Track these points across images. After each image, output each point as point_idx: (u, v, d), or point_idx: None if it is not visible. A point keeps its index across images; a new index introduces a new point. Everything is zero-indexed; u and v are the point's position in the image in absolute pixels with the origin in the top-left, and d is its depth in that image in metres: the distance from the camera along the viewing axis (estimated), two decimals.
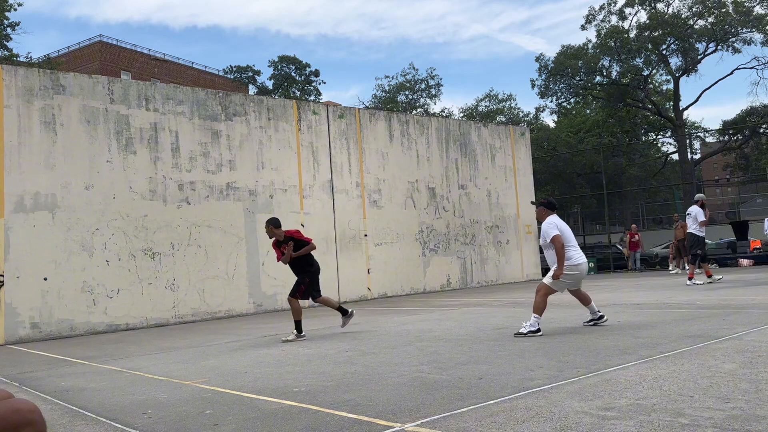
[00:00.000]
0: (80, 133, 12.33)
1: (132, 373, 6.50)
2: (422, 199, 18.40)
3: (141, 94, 13.23)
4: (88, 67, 44.45)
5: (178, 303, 13.11)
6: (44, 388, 5.94)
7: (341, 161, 16.56)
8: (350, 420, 3.92)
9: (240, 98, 15.12)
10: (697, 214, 13.96)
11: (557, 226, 7.45)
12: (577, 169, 35.69)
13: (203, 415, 4.35)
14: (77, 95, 12.39)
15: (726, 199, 63.52)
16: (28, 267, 11.43)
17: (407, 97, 43.26)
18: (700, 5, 26.43)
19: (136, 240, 12.74)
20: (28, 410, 2.24)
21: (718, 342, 5.92)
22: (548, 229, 7.45)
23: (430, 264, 18.30)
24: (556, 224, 7.49)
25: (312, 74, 47.07)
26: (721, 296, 10.75)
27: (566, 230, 7.52)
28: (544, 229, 7.53)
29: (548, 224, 7.52)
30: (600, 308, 9.98)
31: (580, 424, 3.48)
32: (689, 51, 27.18)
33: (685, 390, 4.10)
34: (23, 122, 11.72)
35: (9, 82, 11.66)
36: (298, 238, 8.67)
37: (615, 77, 28.95)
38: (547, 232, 7.44)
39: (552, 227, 7.45)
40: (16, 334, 11.17)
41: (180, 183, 13.50)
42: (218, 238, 13.89)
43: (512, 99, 47.11)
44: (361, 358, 6.41)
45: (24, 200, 11.55)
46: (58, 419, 4.58)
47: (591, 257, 25.49)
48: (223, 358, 7.15)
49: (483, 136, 20.67)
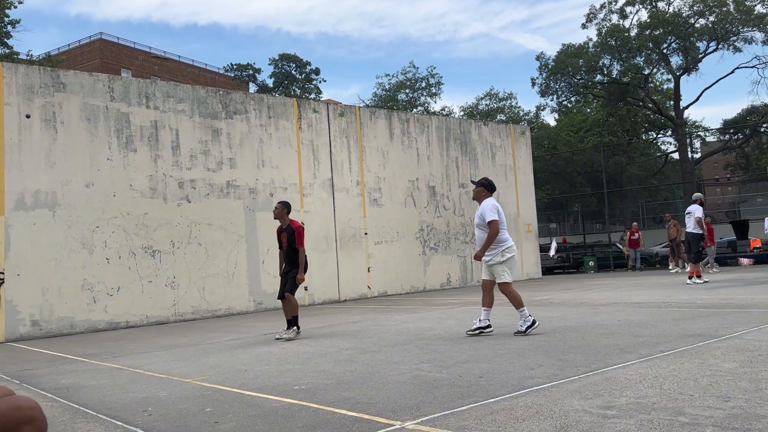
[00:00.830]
0: (81, 130, 12.33)
1: (132, 371, 6.51)
2: (422, 198, 18.40)
3: (141, 92, 13.23)
4: (88, 64, 44.44)
5: (178, 301, 13.12)
6: (45, 386, 5.95)
7: (341, 159, 16.56)
8: (350, 418, 3.93)
9: (240, 96, 15.12)
10: (695, 211, 13.96)
11: (498, 211, 7.49)
12: (578, 168, 35.70)
13: (204, 413, 4.35)
14: (78, 93, 12.38)
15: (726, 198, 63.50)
16: (29, 265, 11.43)
17: (408, 95, 43.25)
18: (701, 4, 26.41)
19: (137, 238, 12.74)
20: (30, 407, 2.24)
21: (719, 341, 5.93)
22: (487, 212, 7.47)
23: (430, 263, 18.30)
24: (497, 208, 7.53)
25: (312, 72, 47.05)
26: (721, 295, 10.75)
27: (502, 215, 7.59)
28: (483, 210, 7.56)
29: (489, 207, 7.53)
30: (599, 306, 10.00)
31: (580, 422, 3.48)
32: (690, 50, 27.17)
33: (685, 389, 4.10)
34: (24, 120, 11.72)
35: (9, 80, 11.65)
36: (298, 235, 8.65)
37: (615, 76, 28.94)
38: (486, 214, 7.48)
39: (492, 210, 7.48)
40: (17, 332, 11.18)
41: (180, 181, 13.50)
42: (218, 236, 13.89)
43: (513, 98, 47.19)
44: (361, 357, 6.42)
45: (24, 198, 11.55)
46: (58, 416, 4.58)
47: (591, 256, 25.50)
48: (223, 356, 7.16)
49: (483, 134, 20.66)
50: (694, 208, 14.07)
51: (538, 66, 30.43)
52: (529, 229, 21.59)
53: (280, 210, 8.75)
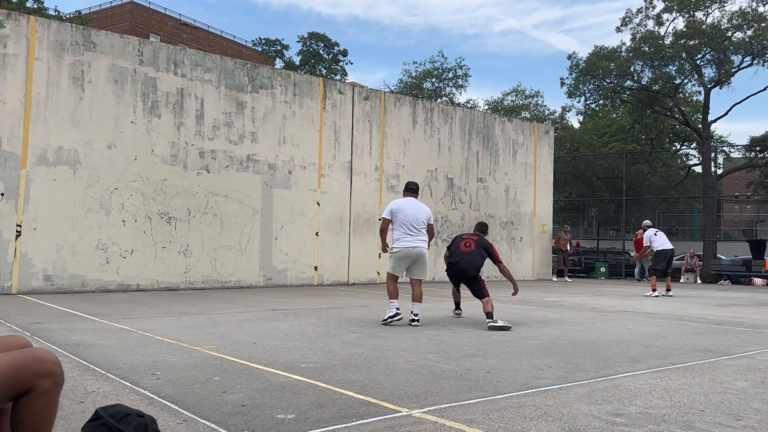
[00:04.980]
0: (107, 91, 12.38)
1: (142, 334, 6.56)
2: (440, 189, 18.33)
3: (170, 58, 13.24)
4: (118, 26, 44.52)
5: (189, 269, 13.20)
6: (55, 341, 6.01)
7: (362, 143, 16.51)
8: (358, 400, 3.93)
9: (268, 71, 15.08)
10: (653, 239, 15.20)
11: (391, 209, 8.05)
12: (598, 173, 35.37)
13: (212, 382, 4.37)
14: (107, 54, 12.41)
15: (744, 216, 62.75)
16: (46, 220, 11.54)
17: (433, 84, 42.96)
18: (739, 18, 25.91)
19: (154, 203, 12.81)
20: (50, 361, 2.24)
21: (730, 359, 5.86)
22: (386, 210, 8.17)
23: (441, 254, 18.24)
24: (391, 206, 8.09)
25: (340, 53, 46.83)
26: (734, 313, 10.64)
27: (401, 213, 7.96)
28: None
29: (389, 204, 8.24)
30: (609, 313, 9.94)
31: (588, 427, 3.46)
32: (724, 63, 26.67)
33: (695, 403, 4.06)
34: (52, 76, 11.78)
35: (42, 35, 11.70)
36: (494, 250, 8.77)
37: (646, 83, 28.51)
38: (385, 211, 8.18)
39: (386, 209, 8.12)
40: (29, 285, 11.32)
41: (201, 150, 13.53)
42: (234, 208, 13.94)
43: (539, 96, 46.68)
44: (368, 341, 6.42)
45: (47, 154, 11.64)
46: (68, 372, 4.62)
47: (603, 262, 25.32)
48: (232, 327, 7.20)
49: (507, 130, 20.50)
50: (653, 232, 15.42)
51: (569, 66, 30.03)
52: (544, 229, 21.46)
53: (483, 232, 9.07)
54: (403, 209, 7.98)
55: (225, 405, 3.75)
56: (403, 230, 7.91)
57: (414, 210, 8.00)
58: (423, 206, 8.15)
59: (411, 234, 7.91)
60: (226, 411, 3.62)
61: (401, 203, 8.08)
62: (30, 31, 11.57)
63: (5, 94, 11.27)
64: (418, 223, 7.94)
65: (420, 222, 7.97)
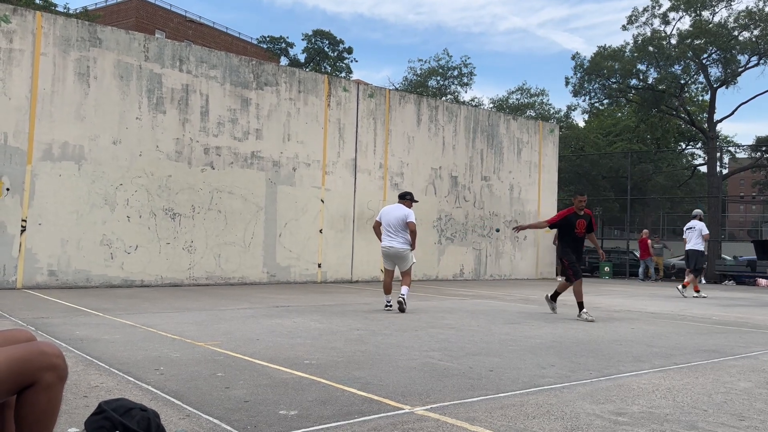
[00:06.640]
0: (113, 87, 12.40)
1: (145, 329, 6.58)
2: (443, 187, 18.32)
3: (176, 55, 13.25)
4: (124, 23, 44.60)
5: (193, 265, 13.23)
6: (59, 335, 6.04)
7: (367, 141, 16.51)
8: (360, 397, 3.93)
9: (272, 68, 15.09)
10: (702, 228, 14.59)
11: (380, 213, 9.37)
12: (603, 172, 35.27)
13: (215, 377, 4.38)
14: (113, 50, 12.44)
15: (749, 216, 62.54)
16: (51, 215, 11.58)
17: (438, 82, 42.89)
18: (746, 17, 25.80)
19: (159, 199, 12.84)
20: (54, 354, 2.25)
21: (734, 359, 5.85)
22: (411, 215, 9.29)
23: (444, 252, 18.25)
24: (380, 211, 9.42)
25: (345, 51, 46.75)
26: (738, 314, 10.61)
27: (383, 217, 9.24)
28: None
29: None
30: (613, 312, 9.93)
31: (591, 426, 3.45)
32: (730, 62, 26.56)
33: (698, 403, 4.05)
34: (58, 71, 11.81)
35: (48, 30, 11.73)
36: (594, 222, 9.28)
37: (651, 82, 28.41)
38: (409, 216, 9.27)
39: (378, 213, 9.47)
40: (34, 280, 11.36)
41: (206, 147, 13.55)
42: (239, 205, 13.96)
43: (544, 94, 46.51)
44: (371, 338, 6.43)
45: (52, 149, 11.67)
46: (72, 366, 4.63)
47: (607, 261, 25.25)
48: (235, 324, 7.21)
49: (511, 129, 20.47)
50: (698, 224, 14.63)
51: (574, 65, 29.96)
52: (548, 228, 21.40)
53: (584, 201, 9.34)
54: (385, 214, 9.25)
55: (228, 401, 3.76)
56: (385, 232, 9.22)
57: (390, 214, 9.18)
58: (402, 210, 9.16)
59: (389, 235, 9.16)
60: (229, 406, 3.63)
61: (386, 208, 9.38)
62: (36, 26, 11.60)
63: (11, 90, 11.31)
64: (396, 226, 9.09)
65: (397, 224, 9.08)
